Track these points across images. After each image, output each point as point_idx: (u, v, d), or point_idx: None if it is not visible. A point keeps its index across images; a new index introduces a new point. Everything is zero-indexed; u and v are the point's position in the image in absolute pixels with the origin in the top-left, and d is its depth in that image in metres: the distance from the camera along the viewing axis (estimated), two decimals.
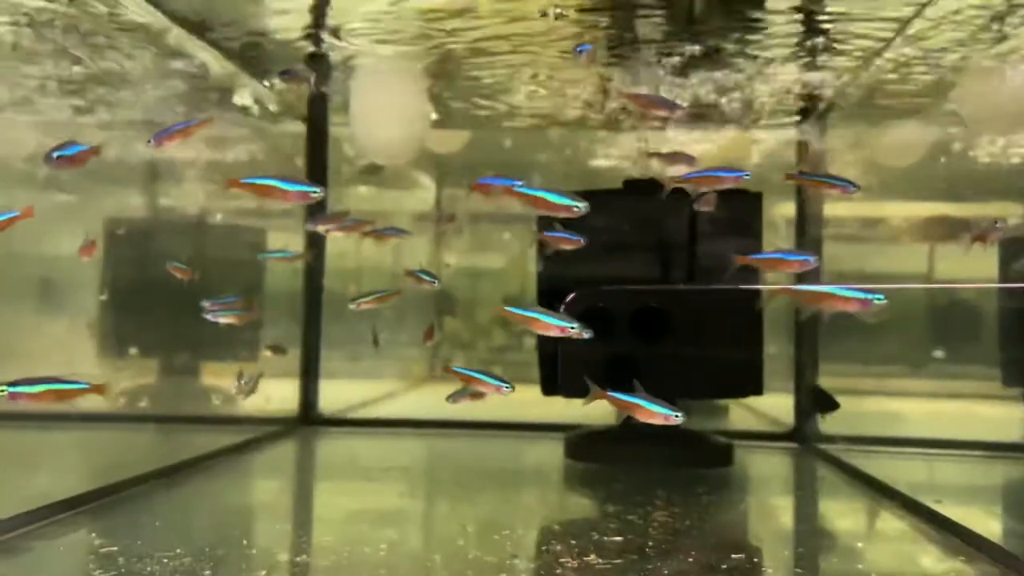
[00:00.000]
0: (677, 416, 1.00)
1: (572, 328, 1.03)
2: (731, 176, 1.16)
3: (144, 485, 1.20)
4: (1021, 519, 1.28)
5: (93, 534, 0.98)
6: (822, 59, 1.55)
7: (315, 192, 1.02)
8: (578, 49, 1.13)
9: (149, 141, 1.05)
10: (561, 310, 1.42)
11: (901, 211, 2.04)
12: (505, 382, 1.10)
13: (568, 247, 1.21)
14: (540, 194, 1.05)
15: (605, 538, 0.97)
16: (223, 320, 1.33)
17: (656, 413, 1.01)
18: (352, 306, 1.42)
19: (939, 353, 2.13)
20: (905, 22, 1.35)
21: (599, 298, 1.44)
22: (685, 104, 1.67)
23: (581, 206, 1.03)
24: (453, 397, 1.28)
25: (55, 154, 0.99)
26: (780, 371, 1.80)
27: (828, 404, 1.68)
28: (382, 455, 1.65)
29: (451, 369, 1.20)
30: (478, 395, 1.27)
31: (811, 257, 1.10)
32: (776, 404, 1.79)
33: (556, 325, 1.04)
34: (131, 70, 1.57)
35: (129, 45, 1.49)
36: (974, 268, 1.85)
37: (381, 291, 1.45)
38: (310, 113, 1.89)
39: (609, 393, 1.07)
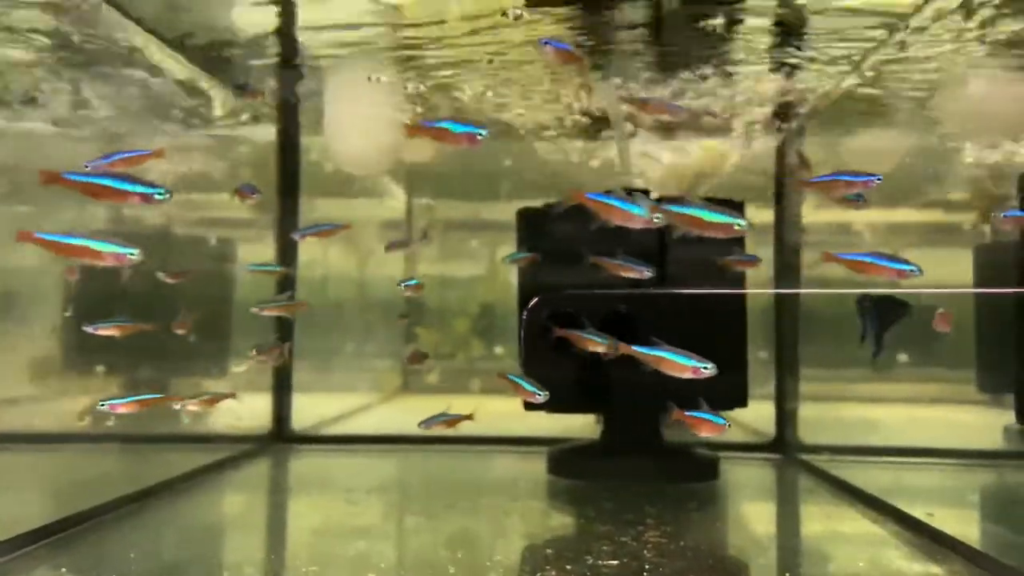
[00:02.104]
0: (707, 368, 0.95)
1: (706, 369, 0.98)
2: (861, 180, 1.10)
3: (112, 513, 1.15)
4: (1005, 525, 1.28)
5: (63, 569, 0.93)
6: (800, 67, 1.55)
7: (481, 134, 1.03)
8: (543, 42, 1.07)
9: (85, 166, 1.01)
10: (523, 317, 1.39)
11: (878, 217, 2.05)
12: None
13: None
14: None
15: (600, 562, 0.94)
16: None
17: (684, 366, 0.97)
18: (254, 310, 1.42)
19: (903, 357, 2.14)
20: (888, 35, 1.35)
21: (566, 302, 1.40)
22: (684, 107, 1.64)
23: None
24: (426, 423, 1.26)
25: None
26: (759, 378, 1.78)
27: (894, 311, 1.48)
28: (359, 474, 1.61)
29: (505, 376, 1.17)
30: (453, 421, 1.25)
31: (912, 267, 1.05)
32: (756, 413, 1.77)
33: (688, 366, 0.99)
34: (93, 76, 1.52)
35: (95, 52, 1.44)
36: (947, 273, 1.86)
37: (284, 300, 1.49)
38: (281, 122, 1.85)
39: (634, 347, 1.03)
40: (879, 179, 1.09)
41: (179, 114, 1.73)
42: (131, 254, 0.98)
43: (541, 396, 1.13)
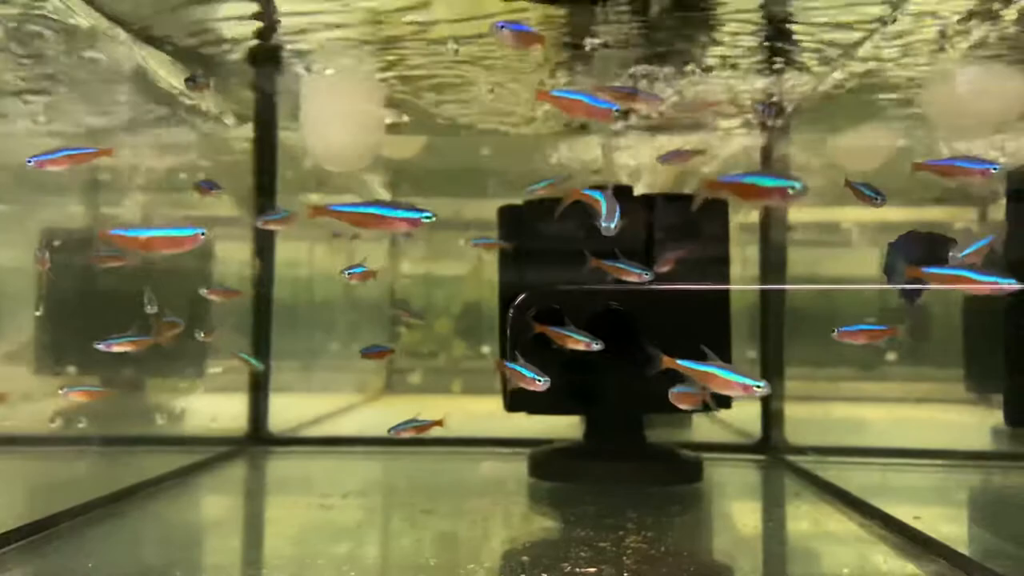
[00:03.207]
0: (760, 386, 0.90)
1: (759, 387, 0.92)
2: (979, 168, 1.05)
3: (81, 517, 1.11)
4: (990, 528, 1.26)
5: None
6: (784, 64, 1.53)
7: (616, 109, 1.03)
8: (499, 25, 1.03)
9: (29, 161, 0.98)
10: (509, 313, 1.36)
11: (866, 215, 2.03)
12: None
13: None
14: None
15: (578, 569, 0.91)
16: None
17: (735, 383, 0.91)
18: (203, 292, 1.45)
19: (891, 356, 2.12)
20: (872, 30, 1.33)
21: (553, 299, 1.37)
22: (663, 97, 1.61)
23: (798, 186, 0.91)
24: (395, 429, 1.23)
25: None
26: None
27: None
28: (336, 477, 1.57)
29: (503, 364, 1.16)
30: (422, 428, 1.23)
31: (995, 165, 1.01)
32: (741, 413, 1.75)
33: (739, 383, 0.94)
34: (71, 74, 1.49)
35: (70, 48, 1.41)
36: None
37: (227, 287, 1.51)
38: (258, 118, 1.81)
39: (679, 361, 0.98)
40: (997, 167, 1.06)
41: (161, 111, 1.71)
42: (426, 218, 0.96)
43: (542, 382, 1.10)
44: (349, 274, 1.27)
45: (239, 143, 1.91)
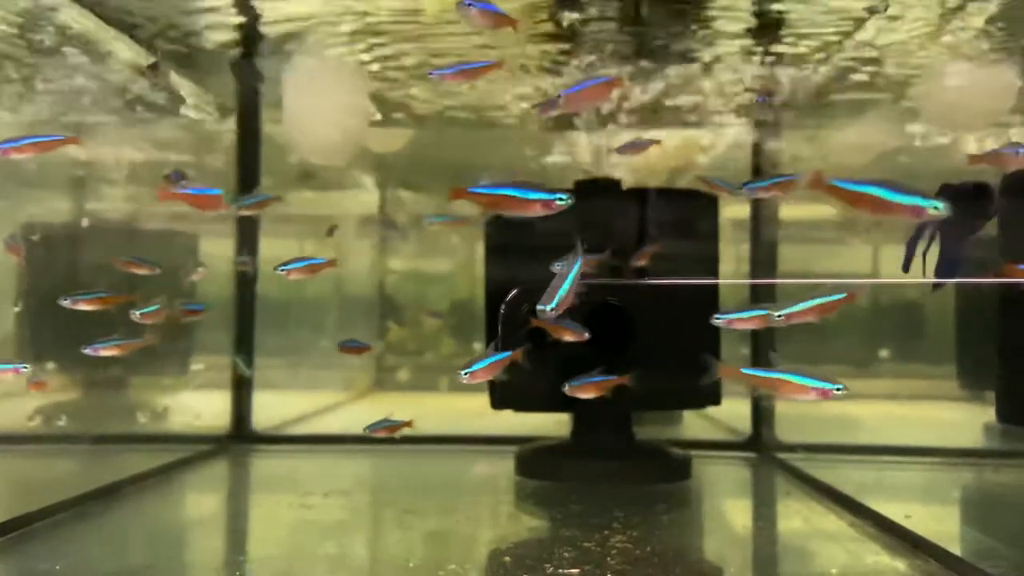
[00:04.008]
0: (839, 389, 0.86)
1: (838, 390, 0.87)
2: None
3: (58, 515, 1.09)
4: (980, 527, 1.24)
5: None
6: (775, 57, 1.52)
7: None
8: (466, 3, 0.99)
9: None
10: (502, 309, 1.34)
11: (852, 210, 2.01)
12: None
13: None
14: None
15: (561, 570, 0.89)
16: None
17: (811, 388, 0.86)
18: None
19: (884, 352, 2.11)
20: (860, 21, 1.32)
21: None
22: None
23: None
24: (371, 428, 1.22)
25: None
26: None
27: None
28: (319, 475, 1.55)
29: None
30: (393, 428, 1.21)
31: None
32: (731, 410, 1.73)
33: (815, 387, 0.89)
34: (53, 68, 1.47)
35: (52, 43, 1.39)
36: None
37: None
38: (241, 110, 1.78)
39: (744, 370, 0.93)
40: None
41: (142, 104, 1.68)
42: (560, 200, 0.94)
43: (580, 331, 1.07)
44: (284, 270, 1.22)
45: (228, 136, 1.89)
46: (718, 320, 1.03)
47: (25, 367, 1.03)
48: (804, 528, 1.19)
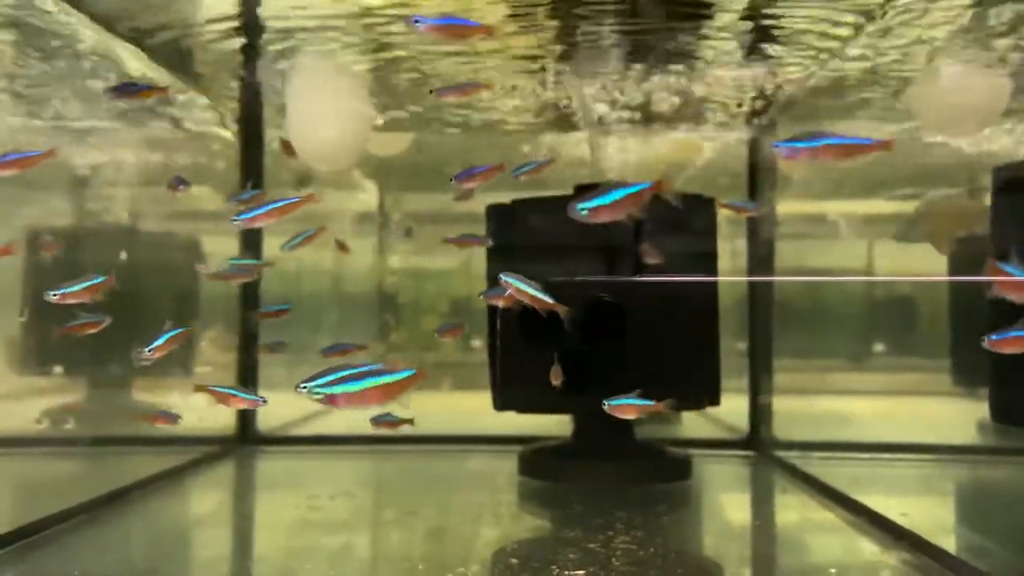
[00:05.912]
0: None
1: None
2: None
3: (69, 521, 1.11)
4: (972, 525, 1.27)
5: None
6: (771, 59, 1.53)
7: None
8: (414, 20, 0.98)
9: None
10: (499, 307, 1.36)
11: (853, 208, 2.04)
12: None
13: None
14: None
15: (566, 572, 0.91)
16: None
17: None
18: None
19: (879, 347, 2.13)
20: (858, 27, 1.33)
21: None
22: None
23: None
24: (375, 420, 1.25)
25: None
26: (731, 371, 1.76)
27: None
28: (325, 476, 1.57)
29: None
30: (394, 424, 1.24)
31: None
32: (729, 408, 1.75)
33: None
34: (52, 73, 1.48)
35: (50, 47, 1.39)
36: (917, 264, 1.85)
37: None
38: (244, 115, 1.80)
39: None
40: None
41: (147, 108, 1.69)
42: None
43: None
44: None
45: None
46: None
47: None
48: (802, 525, 1.22)
